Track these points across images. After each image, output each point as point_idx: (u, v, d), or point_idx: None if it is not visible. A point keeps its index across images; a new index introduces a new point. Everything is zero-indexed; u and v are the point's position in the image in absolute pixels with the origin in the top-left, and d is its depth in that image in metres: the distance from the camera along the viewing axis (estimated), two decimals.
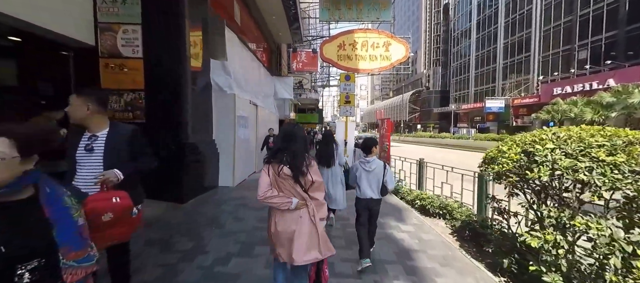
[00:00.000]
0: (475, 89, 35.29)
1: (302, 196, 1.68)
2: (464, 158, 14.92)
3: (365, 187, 2.72)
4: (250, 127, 7.64)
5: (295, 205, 1.66)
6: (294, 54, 18.04)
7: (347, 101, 9.01)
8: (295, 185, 1.67)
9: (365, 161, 2.80)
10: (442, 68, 47.27)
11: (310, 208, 1.68)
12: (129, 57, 4.32)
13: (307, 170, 1.67)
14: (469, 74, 36.37)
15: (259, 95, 9.19)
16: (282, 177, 1.65)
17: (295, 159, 1.65)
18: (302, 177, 1.66)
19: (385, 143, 6.67)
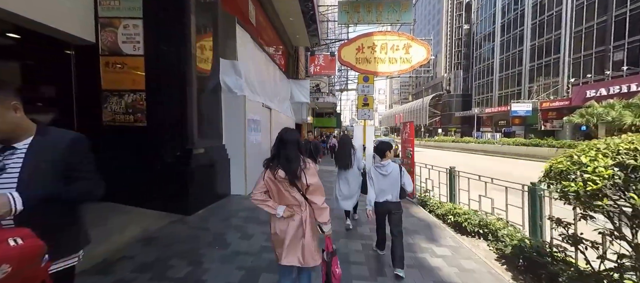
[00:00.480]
0: (499, 93, 33.27)
1: (297, 200, 1.71)
2: (494, 165, 13.73)
3: (383, 191, 2.69)
4: (264, 131, 7.27)
5: (281, 214, 1.70)
6: (311, 58, 17.77)
7: (366, 104, 8.44)
8: (292, 189, 1.70)
9: (380, 165, 2.75)
10: (464, 71, 45.24)
11: (304, 214, 1.71)
12: (130, 54, 4.06)
13: (302, 174, 1.67)
14: (492, 77, 34.42)
15: (273, 99, 8.86)
16: (278, 180, 1.69)
17: (289, 163, 1.68)
18: (296, 180, 1.68)
19: (409, 149, 6.01)
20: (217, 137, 5.56)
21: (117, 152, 4.13)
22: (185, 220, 3.97)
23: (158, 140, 4.20)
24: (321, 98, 17.73)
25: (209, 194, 4.90)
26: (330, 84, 20.16)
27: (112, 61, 4.07)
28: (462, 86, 46.14)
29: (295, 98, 12.27)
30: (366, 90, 8.58)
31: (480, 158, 17.38)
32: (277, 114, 8.95)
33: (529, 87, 28.11)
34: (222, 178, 5.48)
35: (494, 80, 34.06)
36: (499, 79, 33.26)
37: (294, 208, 1.71)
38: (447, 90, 50.18)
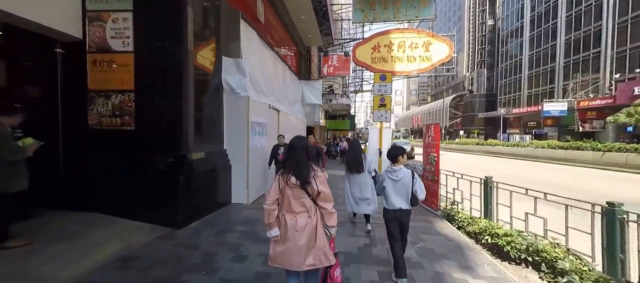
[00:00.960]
0: (528, 92, 30.80)
1: (306, 206, 1.79)
2: (528, 171, 12.30)
3: (394, 198, 2.57)
4: (270, 135, 6.78)
5: (273, 235, 1.82)
6: (325, 58, 17.28)
7: (382, 104, 7.73)
8: (302, 194, 1.78)
9: (391, 171, 2.64)
10: (488, 70, 42.66)
11: (314, 219, 1.79)
12: (119, 51, 3.71)
13: (313, 180, 1.76)
14: (520, 75, 31.98)
15: (283, 100, 8.40)
16: (290, 186, 1.76)
17: (299, 168, 1.76)
18: (307, 185, 1.76)
19: (432, 155, 5.24)
20: (218, 141, 5.12)
21: (104, 157, 3.78)
22: (175, 234, 3.51)
23: (148, 145, 3.81)
24: (334, 100, 17.13)
25: (206, 203, 4.45)
26: (344, 85, 19.51)
27: (99, 59, 3.74)
28: (485, 85, 43.54)
29: (307, 99, 11.77)
30: (383, 90, 7.89)
31: (510, 163, 15.77)
32: (286, 117, 8.46)
33: (564, 85, 25.67)
34: (222, 186, 5.03)
35: (522, 79, 31.61)
36: (528, 77, 30.80)
37: (303, 214, 1.78)
38: (469, 90, 47.62)
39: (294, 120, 9.77)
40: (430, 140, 5.41)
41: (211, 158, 4.73)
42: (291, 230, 1.75)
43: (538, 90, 29.23)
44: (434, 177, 5.09)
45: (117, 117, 3.75)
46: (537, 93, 29.41)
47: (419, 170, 5.98)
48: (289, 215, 1.78)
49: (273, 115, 7.15)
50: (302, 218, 1.76)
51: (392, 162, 2.71)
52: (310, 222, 1.77)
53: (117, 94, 3.73)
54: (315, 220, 1.78)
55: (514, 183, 3.81)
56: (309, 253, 1.74)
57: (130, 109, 3.73)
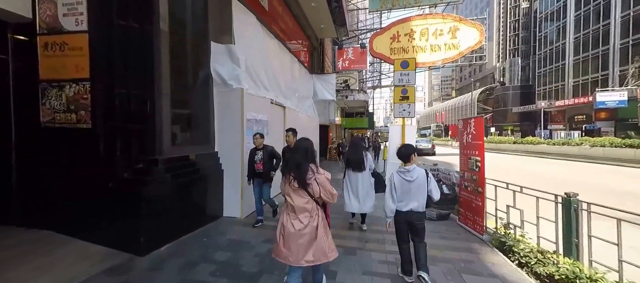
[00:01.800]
0: (574, 81, 27.06)
1: (307, 209, 1.85)
2: (591, 177, 10.23)
3: (407, 199, 2.42)
4: (274, 134, 5.90)
5: None
6: (339, 51, 16.18)
7: (404, 97, 6.52)
8: (304, 195, 1.85)
9: (404, 171, 2.46)
10: (523, 58, 38.60)
11: (316, 219, 1.86)
12: (72, 30, 2.98)
13: (313, 182, 1.83)
14: (564, 62, 28.21)
15: (291, 96, 7.49)
16: (293, 188, 1.85)
17: (298, 169, 1.84)
18: (307, 187, 1.82)
19: (474, 159, 4.00)
20: (205, 142, 4.31)
21: (58, 162, 3.10)
22: (131, 265, 2.71)
23: (108, 148, 3.06)
24: (351, 96, 15.96)
25: (186, 219, 3.65)
26: (360, 80, 18.23)
27: (51, 41, 3.07)
28: (519, 76, 39.50)
29: (319, 95, 10.79)
30: (405, 80, 6.67)
31: (562, 166, 12.85)
32: (294, 114, 7.55)
33: (621, 71, 22.04)
34: (212, 196, 4.21)
35: (566, 66, 27.87)
36: (574, 64, 27.08)
37: (304, 215, 1.85)
38: (501, 82, 43.66)
39: (305, 118, 8.84)
40: (469, 139, 4.17)
41: (197, 163, 3.94)
42: (293, 230, 1.81)
43: (586, 78, 25.52)
44: (478, 189, 3.87)
45: (72, 113, 3.06)
46: (585, 82, 25.72)
47: (455, 177, 4.76)
48: (292, 215, 1.86)
49: (277, 112, 6.26)
50: (304, 218, 1.84)
51: (404, 162, 2.53)
52: (311, 222, 1.84)
53: (71, 83, 3.04)
54: (316, 221, 1.85)
55: (592, 196, 2.54)
56: (308, 250, 1.81)
57: (85, 102, 3.01)
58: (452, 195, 4.53)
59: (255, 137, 4.01)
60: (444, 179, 5.08)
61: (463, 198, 4.31)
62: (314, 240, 1.82)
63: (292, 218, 1.85)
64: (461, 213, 4.38)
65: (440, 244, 3.52)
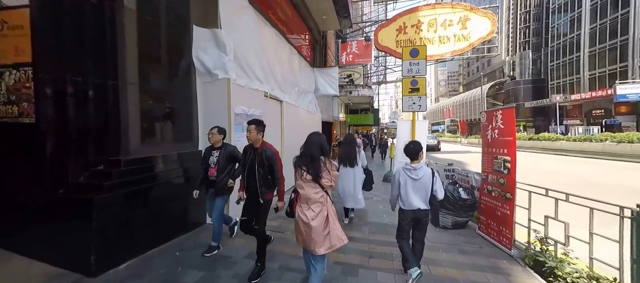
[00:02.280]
0: (590, 73, 25.74)
1: (319, 199, 1.96)
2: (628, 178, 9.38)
3: (412, 198, 2.39)
4: (268, 131, 5.33)
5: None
6: (343, 45, 15.51)
7: (414, 89, 5.88)
8: (316, 187, 1.96)
9: (411, 168, 2.43)
10: (534, 51, 37.11)
11: (326, 208, 1.97)
12: (10, 5, 2.45)
13: (325, 175, 1.96)
14: (579, 54, 26.85)
15: (289, 90, 6.92)
16: (305, 180, 1.98)
17: (313, 163, 1.96)
18: (319, 180, 1.94)
19: (502, 158, 3.36)
20: (186, 139, 3.78)
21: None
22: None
23: (57, 146, 2.55)
24: (355, 91, 15.31)
25: (159, 230, 3.13)
26: (365, 74, 17.52)
27: None
28: (531, 70, 38.07)
29: (321, 90, 10.19)
30: (415, 70, 6.02)
31: (588, 164, 11.61)
32: (294, 109, 6.98)
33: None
34: (192, 200, 3.67)
35: (581, 58, 26.52)
36: (590, 56, 25.75)
37: (316, 205, 1.96)
38: (511, 76, 42.24)
39: (305, 113, 8.26)
40: (495, 135, 3.53)
41: (175, 163, 3.41)
42: (307, 220, 1.93)
43: (604, 70, 24.21)
44: (506, 194, 3.24)
45: (13, 104, 2.54)
46: (602, 74, 24.41)
47: (474, 179, 4.12)
48: (304, 206, 1.98)
49: (272, 106, 5.69)
50: (316, 207, 1.95)
51: (411, 159, 2.48)
52: (322, 212, 1.95)
53: (11, 69, 2.50)
54: (326, 210, 1.97)
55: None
56: (325, 240, 1.93)
57: (28, 91, 2.49)
58: (470, 201, 3.90)
59: (212, 133, 3.07)
60: (461, 182, 4.45)
61: (485, 205, 3.68)
62: (328, 228, 1.94)
63: (305, 209, 1.96)
64: (482, 221, 3.76)
65: (460, 262, 2.92)
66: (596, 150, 13.81)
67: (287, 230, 3.74)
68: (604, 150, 13.36)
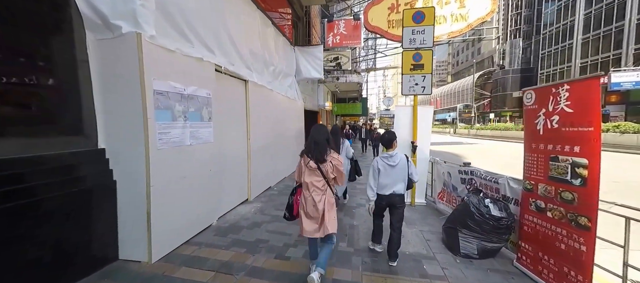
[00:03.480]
0: (582, 62, 25.40)
1: (320, 187, 2.18)
2: None
3: (390, 183, 2.61)
4: (223, 120, 3.93)
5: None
6: (329, 25, 13.94)
7: (417, 65, 4.58)
8: (319, 175, 2.18)
9: (387, 156, 2.64)
10: (525, 39, 36.67)
11: (325, 196, 2.19)
12: None
13: (329, 160, 2.17)
14: (571, 42, 26.41)
15: (260, 69, 5.47)
16: (310, 168, 2.18)
17: (318, 146, 2.17)
18: (322, 164, 2.15)
19: (570, 160, 2.15)
20: (74, 131, 2.33)
21: None
22: None
23: None
24: (342, 77, 13.89)
25: (28, 276, 1.72)
26: (353, 59, 16.08)
27: None
28: (521, 58, 37.77)
29: (304, 73, 8.75)
30: (418, 40, 4.73)
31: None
32: (266, 93, 5.56)
33: (636, 49, 20.38)
34: (92, 225, 2.29)
35: (574, 46, 26.09)
36: (582, 44, 25.35)
37: (318, 192, 2.18)
38: (500, 65, 41.93)
39: (283, 100, 6.84)
40: (555, 124, 2.28)
41: (53, 170, 1.99)
42: (312, 206, 2.16)
43: (596, 58, 23.86)
44: (579, 219, 2.03)
45: None
46: (594, 62, 24.08)
47: (508, 188, 2.92)
48: (306, 193, 2.20)
49: (232, 87, 4.24)
50: (317, 195, 2.17)
51: (386, 147, 2.68)
52: (324, 198, 2.17)
53: None
54: (327, 196, 2.19)
55: None
56: (327, 223, 2.15)
57: None
58: (506, 221, 2.70)
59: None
60: (484, 188, 3.25)
61: (532, 228, 2.49)
62: (329, 213, 2.17)
63: (310, 193, 2.18)
64: (524, 251, 2.58)
65: None
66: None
67: (241, 271, 2.45)
68: (606, 141, 12.75)
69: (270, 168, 5.79)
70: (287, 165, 7.08)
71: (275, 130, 6.14)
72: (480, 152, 13.99)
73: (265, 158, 5.45)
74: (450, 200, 4.13)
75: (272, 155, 5.85)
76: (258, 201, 4.78)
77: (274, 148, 5.97)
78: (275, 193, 5.35)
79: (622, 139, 12.29)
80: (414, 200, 4.71)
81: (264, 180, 5.45)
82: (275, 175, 6.13)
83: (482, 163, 9.35)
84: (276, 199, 4.94)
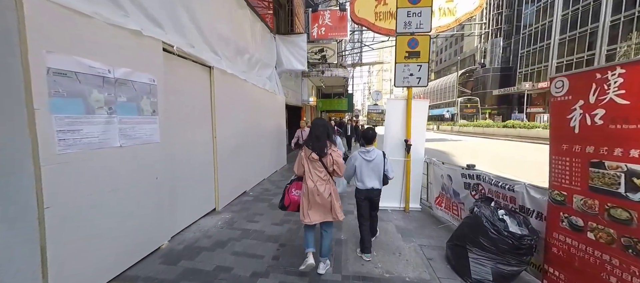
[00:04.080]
0: (558, 62, 26.36)
1: (323, 178, 2.32)
2: None
3: (367, 178, 2.72)
4: (182, 117, 3.17)
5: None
6: (314, 15, 13.17)
7: (412, 52, 3.99)
8: (321, 167, 2.31)
9: (365, 151, 2.75)
10: (505, 39, 37.74)
11: (330, 185, 2.33)
12: None
13: (329, 153, 2.31)
14: (549, 42, 27.32)
15: (232, 56, 4.70)
16: (312, 160, 2.30)
17: (318, 141, 2.29)
18: (324, 157, 2.28)
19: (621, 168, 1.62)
20: None
21: None
22: None
23: None
24: (328, 71, 13.23)
25: None
26: (339, 52, 15.44)
27: None
28: (501, 58, 38.89)
29: (285, 64, 8.01)
30: (414, 23, 4.14)
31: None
32: (239, 85, 4.78)
33: (609, 50, 21.28)
34: None
35: (551, 46, 26.99)
36: (559, 44, 26.28)
37: (321, 182, 2.31)
38: (481, 64, 43.06)
39: (261, 93, 6.08)
40: (598, 120, 1.75)
41: None
42: (314, 195, 2.28)
43: (571, 59, 24.82)
44: (636, 245, 1.49)
45: None
46: (569, 62, 25.01)
47: (527, 197, 2.39)
48: (309, 182, 2.30)
49: (191, 74, 3.43)
50: (321, 185, 2.29)
51: (367, 143, 2.81)
52: (328, 188, 2.30)
53: None
54: (330, 186, 2.33)
55: None
56: (326, 213, 2.32)
57: None
58: (529, 240, 2.16)
59: None
60: (494, 196, 2.72)
61: (566, 252, 1.97)
62: (331, 202, 2.30)
63: (315, 183, 2.29)
64: (554, 280, 2.06)
65: None
66: None
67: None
68: None
69: (246, 170, 5.04)
70: (266, 165, 6.34)
71: (252, 127, 5.39)
72: (470, 150, 13.84)
73: (239, 160, 4.70)
74: (450, 206, 3.61)
75: (247, 155, 5.10)
76: (228, 211, 4.04)
77: (249, 148, 5.22)
78: (250, 200, 4.63)
79: None
80: (408, 205, 4.16)
81: (237, 185, 4.71)
82: (252, 177, 5.39)
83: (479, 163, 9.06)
84: (251, 207, 4.22)
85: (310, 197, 2.29)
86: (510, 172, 7.23)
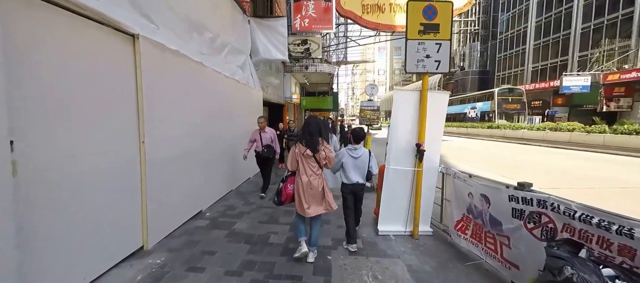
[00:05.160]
0: (533, 66, 27.22)
1: (315, 172, 2.48)
2: None
3: (352, 173, 2.84)
4: (67, 107, 1.82)
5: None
6: (297, 5, 11.94)
7: (429, 25, 2.93)
8: (314, 162, 2.48)
9: (353, 149, 2.87)
10: (482, 43, 38.80)
11: (322, 179, 2.50)
12: None
13: (322, 149, 2.47)
14: (524, 47, 28.19)
15: (182, 32, 3.40)
16: (305, 156, 2.45)
17: (312, 138, 2.44)
18: (317, 153, 2.45)
19: None
20: None
21: None
22: None
23: None
24: (312, 66, 12.09)
25: None
26: (324, 47, 14.35)
27: None
28: (478, 61, 39.92)
29: (262, 53, 6.75)
30: None
31: (567, 156, 10.36)
32: (193, 68, 3.46)
33: (581, 56, 22.11)
34: None
35: (526, 51, 27.80)
36: (534, 49, 27.13)
37: (314, 176, 2.46)
38: (461, 67, 44.04)
39: (229, 83, 4.76)
40: None
41: None
42: (308, 188, 2.43)
43: (546, 63, 25.64)
44: None
45: None
46: (544, 67, 25.85)
47: (569, 213, 1.37)
48: (304, 177, 2.44)
49: (85, 41, 2.08)
50: (314, 179, 2.44)
51: (356, 142, 2.90)
52: (320, 182, 2.46)
53: None
54: (322, 180, 2.49)
55: None
56: (320, 204, 2.48)
57: None
58: None
59: None
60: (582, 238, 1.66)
61: None
62: (323, 195, 2.48)
63: (308, 178, 2.44)
64: None
65: None
66: (562, 140, 13.39)
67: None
68: (572, 141, 12.98)
69: (200, 184, 3.73)
70: (235, 174, 5.03)
71: (213, 126, 4.10)
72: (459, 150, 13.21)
73: (188, 172, 3.39)
74: (482, 237, 2.59)
75: (203, 164, 3.80)
76: (163, 248, 2.74)
77: (208, 154, 3.92)
78: (203, 226, 3.34)
79: (588, 138, 12.59)
80: (417, 228, 3.12)
81: (185, 208, 3.39)
82: (210, 192, 4.09)
83: (473, 165, 8.29)
84: (201, 239, 2.95)
85: (306, 191, 2.43)
86: (510, 173, 6.50)
